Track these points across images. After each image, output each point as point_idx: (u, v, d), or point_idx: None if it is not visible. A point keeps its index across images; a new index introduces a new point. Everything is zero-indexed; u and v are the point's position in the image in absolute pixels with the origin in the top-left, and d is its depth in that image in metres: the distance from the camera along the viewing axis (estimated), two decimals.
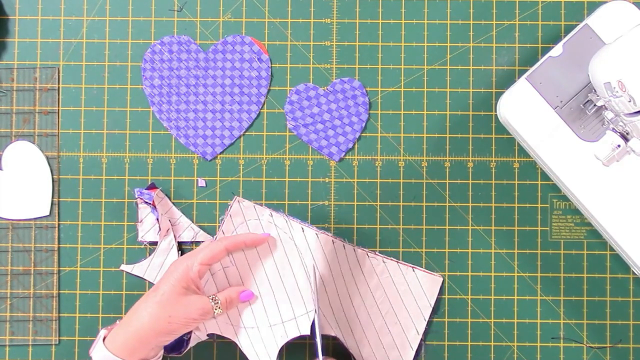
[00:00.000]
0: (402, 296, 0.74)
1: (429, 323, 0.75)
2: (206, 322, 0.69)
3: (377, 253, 0.75)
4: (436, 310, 0.75)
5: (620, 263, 0.75)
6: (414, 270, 0.74)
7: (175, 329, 0.64)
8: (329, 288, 0.73)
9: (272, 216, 0.70)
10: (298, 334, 0.69)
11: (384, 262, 0.74)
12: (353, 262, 0.74)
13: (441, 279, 0.75)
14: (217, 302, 0.67)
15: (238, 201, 0.71)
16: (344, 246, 0.74)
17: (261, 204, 0.72)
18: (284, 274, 0.71)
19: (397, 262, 0.74)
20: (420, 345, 0.74)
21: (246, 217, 0.72)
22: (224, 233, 0.72)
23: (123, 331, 0.63)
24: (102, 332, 0.65)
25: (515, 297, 0.75)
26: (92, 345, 0.65)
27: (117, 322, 0.66)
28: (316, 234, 0.71)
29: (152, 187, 0.75)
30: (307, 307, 0.69)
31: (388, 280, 0.74)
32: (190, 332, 0.68)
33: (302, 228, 0.70)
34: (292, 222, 0.70)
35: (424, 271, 0.75)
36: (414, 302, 0.74)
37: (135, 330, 0.63)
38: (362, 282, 0.74)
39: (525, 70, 0.72)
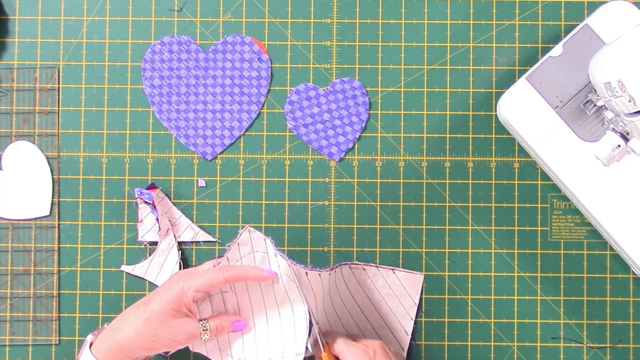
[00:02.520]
0: (385, 299, 0.74)
1: (428, 323, 0.75)
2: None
3: (356, 262, 0.74)
4: (421, 308, 0.75)
5: (620, 263, 0.75)
6: (394, 272, 0.74)
7: (159, 348, 0.63)
8: (314, 308, 0.72)
9: (276, 257, 0.67)
10: None
11: (363, 269, 0.74)
12: (338, 279, 0.73)
13: (422, 277, 0.74)
14: (207, 328, 0.64)
15: (249, 231, 0.67)
16: (334, 271, 0.72)
17: (271, 240, 0.67)
18: (284, 313, 0.67)
19: (376, 266, 0.74)
20: (411, 346, 0.74)
21: (254, 248, 0.68)
22: (228, 260, 0.67)
23: (108, 339, 0.63)
24: (89, 338, 0.64)
25: (515, 297, 0.75)
26: (79, 351, 0.64)
27: (106, 324, 0.65)
28: (319, 274, 0.68)
29: (152, 187, 0.75)
30: (298, 349, 0.66)
31: (370, 287, 0.74)
32: None
33: (306, 272, 0.67)
34: (294, 267, 0.66)
35: (403, 271, 0.74)
36: (399, 303, 0.74)
37: (119, 341, 0.62)
38: (345, 293, 0.74)
39: (525, 70, 0.72)
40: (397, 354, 0.67)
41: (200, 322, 0.64)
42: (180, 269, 0.74)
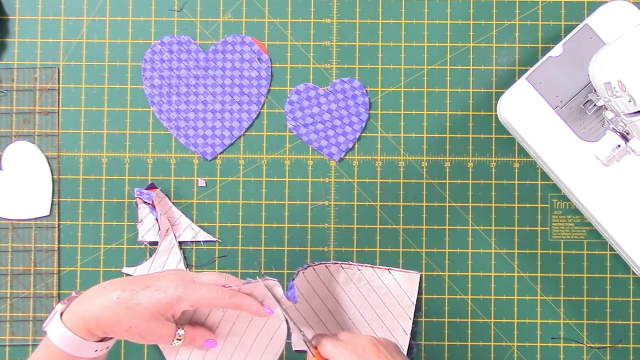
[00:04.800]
0: (383, 300, 0.74)
1: (428, 323, 0.75)
2: None
3: (350, 263, 0.74)
4: (421, 307, 0.75)
5: (620, 263, 0.75)
6: (390, 272, 0.74)
7: (129, 337, 0.61)
8: (305, 309, 0.72)
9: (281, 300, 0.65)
10: None
11: (359, 269, 0.74)
12: (326, 278, 0.73)
13: (418, 276, 0.74)
14: (180, 338, 0.62)
15: (270, 287, 0.64)
16: (314, 269, 0.73)
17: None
18: (256, 347, 0.66)
19: (372, 267, 0.74)
20: (410, 346, 0.74)
21: (268, 295, 0.65)
22: (239, 288, 0.64)
23: (82, 310, 0.59)
24: (59, 307, 0.61)
25: (515, 297, 0.75)
26: (46, 320, 0.61)
27: (74, 293, 0.62)
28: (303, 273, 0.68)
29: (152, 187, 0.75)
30: None
31: (367, 287, 0.74)
32: None
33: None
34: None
35: (400, 271, 0.74)
36: (396, 303, 0.74)
37: (93, 315, 0.59)
38: (340, 294, 0.74)
39: (525, 70, 0.72)
40: (387, 344, 0.64)
41: (177, 332, 0.62)
42: (185, 268, 0.74)
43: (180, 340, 0.62)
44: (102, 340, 0.61)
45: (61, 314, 0.60)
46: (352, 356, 0.60)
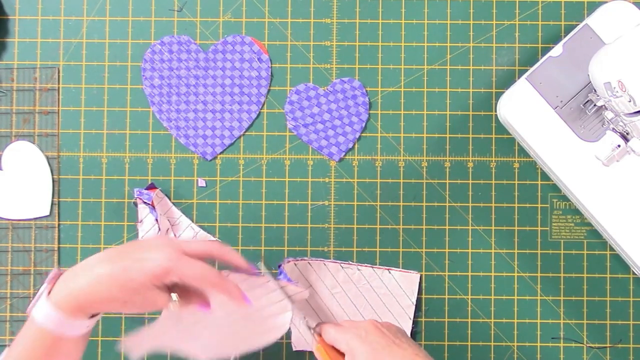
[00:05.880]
0: (383, 300, 0.74)
1: (428, 323, 0.75)
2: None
3: (350, 262, 0.74)
4: (420, 308, 0.75)
5: (620, 263, 0.75)
6: (390, 272, 0.74)
7: (126, 311, 0.59)
8: (305, 307, 0.72)
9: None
10: None
11: (358, 269, 0.74)
12: (325, 275, 0.73)
13: (418, 276, 0.74)
14: (176, 302, 0.60)
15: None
16: (309, 263, 0.73)
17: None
18: (253, 330, 0.66)
19: (372, 266, 0.74)
20: None
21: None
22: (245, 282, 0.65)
23: (72, 288, 0.58)
24: (44, 288, 0.58)
25: (515, 297, 0.75)
26: (31, 303, 0.59)
27: (56, 269, 0.60)
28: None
29: (152, 187, 0.75)
30: None
31: (366, 287, 0.74)
32: None
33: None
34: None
35: (400, 271, 0.74)
36: (396, 303, 0.74)
37: (86, 293, 0.57)
38: (339, 293, 0.74)
39: (525, 70, 0.72)
40: (390, 327, 0.63)
41: (172, 302, 0.60)
42: None
43: (175, 305, 0.60)
44: (93, 315, 0.60)
45: (48, 294, 0.58)
46: (355, 339, 0.60)
